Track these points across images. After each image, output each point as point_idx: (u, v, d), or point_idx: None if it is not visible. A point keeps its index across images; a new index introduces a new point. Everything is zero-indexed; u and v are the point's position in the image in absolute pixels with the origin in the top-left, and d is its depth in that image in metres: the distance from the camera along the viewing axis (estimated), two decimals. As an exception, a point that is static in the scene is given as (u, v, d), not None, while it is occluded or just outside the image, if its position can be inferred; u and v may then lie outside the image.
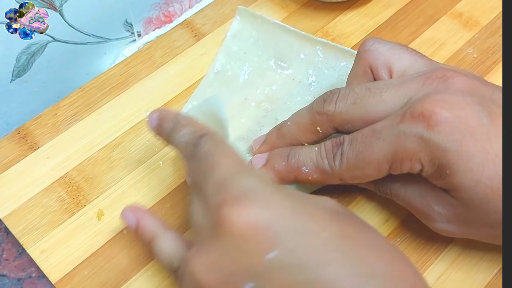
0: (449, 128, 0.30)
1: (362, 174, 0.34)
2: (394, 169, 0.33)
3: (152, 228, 0.34)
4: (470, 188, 0.30)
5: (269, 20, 0.48)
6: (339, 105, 0.35)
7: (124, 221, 0.35)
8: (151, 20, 0.53)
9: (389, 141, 0.32)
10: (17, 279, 0.39)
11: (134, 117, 0.44)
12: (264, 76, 0.46)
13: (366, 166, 0.33)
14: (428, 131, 0.30)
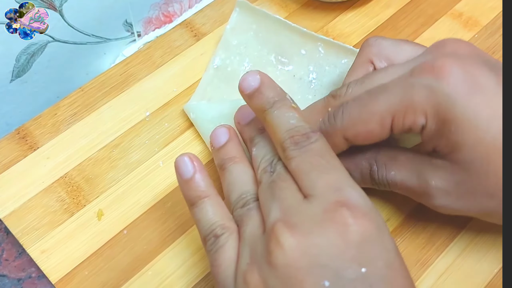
0: (459, 81, 0.30)
1: (365, 130, 0.33)
2: (396, 123, 0.32)
3: (205, 186, 0.34)
4: (472, 147, 0.30)
5: (269, 14, 0.47)
6: (351, 86, 0.36)
7: (180, 169, 0.34)
8: (151, 20, 0.52)
9: (396, 92, 0.32)
10: (17, 279, 0.39)
11: (134, 117, 0.44)
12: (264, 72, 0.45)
13: (369, 119, 0.33)
14: (438, 81, 0.31)
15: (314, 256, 0.27)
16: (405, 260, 0.37)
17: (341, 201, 0.28)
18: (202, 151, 0.43)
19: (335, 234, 0.27)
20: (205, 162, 0.42)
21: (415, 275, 0.37)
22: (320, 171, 0.30)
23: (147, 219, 0.40)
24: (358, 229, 0.27)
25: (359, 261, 0.27)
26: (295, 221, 0.29)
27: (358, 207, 0.28)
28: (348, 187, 0.30)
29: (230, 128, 0.38)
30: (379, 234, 0.28)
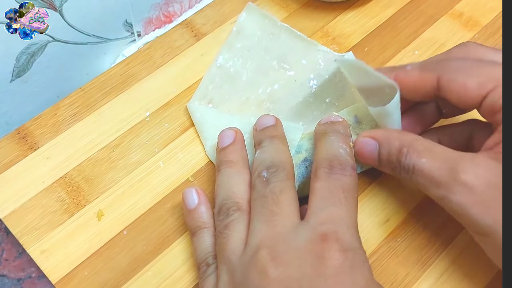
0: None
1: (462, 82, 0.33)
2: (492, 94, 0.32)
3: (207, 218, 0.36)
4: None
5: (276, 21, 0.48)
6: None
7: (186, 200, 0.37)
8: (151, 20, 0.52)
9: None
10: (17, 279, 0.39)
11: (134, 117, 0.44)
12: (266, 75, 0.46)
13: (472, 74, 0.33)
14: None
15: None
16: (405, 260, 0.37)
17: (326, 234, 0.30)
18: (202, 152, 0.43)
19: (311, 266, 0.29)
20: (205, 163, 0.42)
21: (415, 275, 0.37)
22: (332, 203, 0.32)
23: (147, 220, 0.40)
24: (332, 263, 0.29)
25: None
26: (280, 251, 0.30)
27: (340, 242, 0.29)
28: (344, 224, 0.31)
29: (238, 132, 0.39)
30: (352, 271, 0.29)
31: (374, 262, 0.37)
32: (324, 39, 0.48)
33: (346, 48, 0.48)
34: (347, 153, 0.34)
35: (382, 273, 0.37)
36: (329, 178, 0.33)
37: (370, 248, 0.38)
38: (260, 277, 0.29)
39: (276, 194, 0.33)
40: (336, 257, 0.29)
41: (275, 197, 0.33)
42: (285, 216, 0.32)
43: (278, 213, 0.32)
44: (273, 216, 0.32)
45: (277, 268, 0.29)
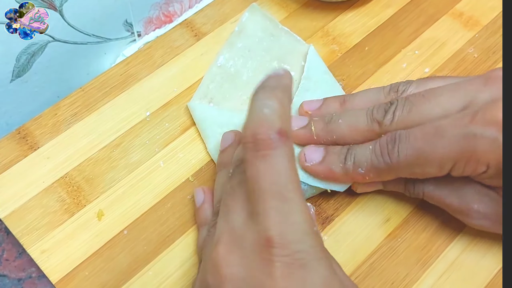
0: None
1: (421, 172, 0.34)
2: (456, 169, 0.33)
3: (209, 216, 0.37)
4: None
5: (277, 24, 0.48)
6: (397, 114, 0.35)
7: (195, 198, 0.39)
8: (151, 20, 0.52)
9: (456, 140, 0.32)
10: (18, 279, 0.39)
11: (134, 117, 0.44)
12: None
13: (427, 164, 0.33)
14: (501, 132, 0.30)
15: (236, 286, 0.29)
16: (405, 260, 0.37)
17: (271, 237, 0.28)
18: (202, 151, 0.43)
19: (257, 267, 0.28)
20: (205, 163, 0.42)
21: (416, 275, 0.37)
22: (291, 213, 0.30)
23: (147, 220, 0.40)
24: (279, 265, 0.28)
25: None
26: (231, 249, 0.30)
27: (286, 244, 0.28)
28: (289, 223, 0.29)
29: (237, 134, 0.39)
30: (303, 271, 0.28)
31: (375, 262, 0.38)
32: (324, 39, 0.48)
33: (347, 48, 0.48)
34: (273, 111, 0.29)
35: (382, 273, 0.37)
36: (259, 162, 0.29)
37: (371, 248, 0.38)
38: (213, 274, 0.29)
39: (233, 188, 0.32)
40: (282, 259, 0.28)
41: (232, 191, 0.32)
42: (238, 211, 0.31)
43: (232, 209, 0.31)
44: (228, 211, 0.31)
45: (228, 268, 0.29)
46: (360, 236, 0.39)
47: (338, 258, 0.37)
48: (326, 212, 0.40)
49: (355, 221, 0.39)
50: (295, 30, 0.48)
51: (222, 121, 0.42)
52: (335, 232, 0.39)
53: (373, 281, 0.37)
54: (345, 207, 0.40)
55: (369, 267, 0.37)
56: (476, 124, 0.31)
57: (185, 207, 0.40)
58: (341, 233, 0.39)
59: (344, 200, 0.40)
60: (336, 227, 0.39)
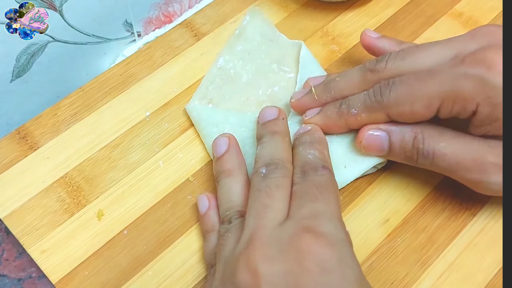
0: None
1: (410, 110, 0.35)
2: (444, 108, 0.34)
3: (215, 222, 0.37)
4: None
5: (275, 30, 0.48)
6: (390, 62, 0.37)
7: (198, 205, 0.39)
8: (151, 20, 0.52)
9: (447, 79, 0.33)
10: (17, 279, 0.39)
11: (134, 117, 0.44)
12: (266, 77, 0.46)
13: (416, 101, 0.34)
14: (489, 72, 0.32)
15: (272, 283, 0.28)
16: (405, 260, 0.37)
17: (309, 227, 0.29)
18: (202, 152, 0.43)
19: (294, 260, 0.28)
20: (205, 162, 0.42)
21: (415, 275, 0.37)
22: (309, 200, 0.32)
23: (147, 220, 0.40)
24: (317, 257, 0.28)
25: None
26: (264, 245, 0.30)
27: (324, 235, 0.29)
28: (325, 217, 0.31)
29: (231, 137, 0.39)
30: (340, 265, 0.28)
31: (374, 262, 0.38)
32: (324, 39, 0.48)
33: (346, 48, 0.48)
34: (316, 156, 0.36)
35: (382, 273, 0.37)
36: (302, 181, 0.34)
37: (370, 248, 0.38)
38: (248, 272, 0.29)
39: (271, 189, 0.33)
40: (321, 251, 0.28)
41: (270, 191, 0.33)
42: (275, 210, 0.32)
43: (269, 206, 0.32)
44: (264, 208, 0.32)
45: (263, 264, 0.29)
46: (359, 236, 0.39)
47: (338, 258, 0.38)
48: (326, 212, 0.40)
49: (355, 221, 0.39)
50: (295, 30, 0.48)
51: (217, 120, 0.42)
52: (335, 232, 0.39)
53: (373, 281, 0.37)
54: (345, 207, 0.40)
55: (368, 267, 0.37)
56: (464, 65, 0.33)
57: (185, 207, 0.40)
58: (341, 233, 0.39)
59: (344, 200, 0.40)
60: (336, 227, 0.39)
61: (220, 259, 0.33)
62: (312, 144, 0.37)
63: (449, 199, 0.40)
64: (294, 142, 0.38)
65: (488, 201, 0.40)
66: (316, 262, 0.28)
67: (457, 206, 0.40)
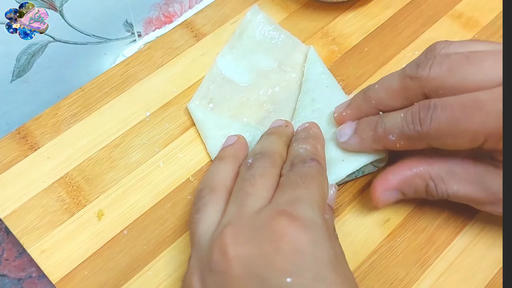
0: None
1: (452, 142, 0.33)
2: (488, 144, 0.32)
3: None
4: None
5: (278, 26, 0.48)
6: (434, 70, 0.33)
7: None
8: (151, 21, 0.53)
9: (495, 116, 0.30)
10: (18, 279, 0.39)
11: (134, 117, 0.44)
12: (267, 77, 0.46)
13: (460, 135, 0.32)
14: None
15: (248, 266, 0.28)
16: (405, 260, 0.37)
17: (285, 211, 0.29)
18: (202, 152, 0.43)
19: (268, 242, 0.28)
20: (205, 163, 0.42)
21: (415, 275, 0.37)
22: (291, 188, 0.32)
23: (147, 220, 0.40)
24: (290, 239, 0.28)
25: (286, 271, 0.27)
26: (241, 230, 0.30)
27: (299, 218, 0.29)
28: (304, 202, 0.31)
29: (241, 137, 0.40)
30: (313, 247, 0.28)
31: (374, 262, 0.38)
32: (324, 39, 0.49)
33: (346, 49, 0.48)
34: (307, 150, 0.35)
35: (381, 273, 0.37)
36: (289, 172, 0.34)
37: (370, 248, 0.38)
38: (221, 255, 0.29)
39: (254, 177, 0.33)
40: (295, 233, 0.28)
41: (253, 180, 0.33)
42: (257, 198, 0.32)
43: (251, 194, 0.32)
44: (246, 196, 0.32)
45: (237, 246, 0.29)
46: (359, 236, 0.39)
47: (338, 258, 0.38)
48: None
49: (355, 221, 0.39)
50: (295, 30, 0.48)
51: (222, 124, 0.43)
52: (335, 232, 0.39)
53: (373, 281, 0.37)
54: (345, 207, 0.40)
55: (368, 267, 0.37)
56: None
57: (185, 207, 0.40)
58: (341, 233, 0.39)
59: (344, 200, 0.40)
60: (336, 227, 0.39)
61: (193, 247, 0.33)
62: (306, 139, 0.37)
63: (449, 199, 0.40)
64: (291, 140, 0.38)
65: (488, 201, 0.40)
66: (289, 243, 0.28)
67: (457, 206, 0.39)
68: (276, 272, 0.27)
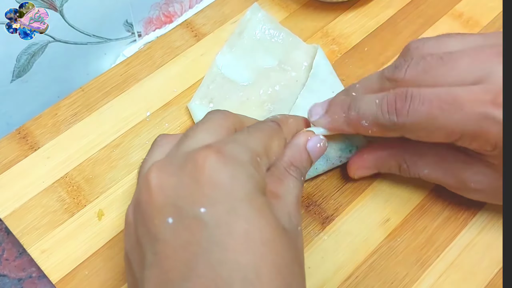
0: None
1: (426, 136, 0.33)
2: (461, 142, 0.33)
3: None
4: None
5: (278, 25, 0.48)
6: (410, 72, 0.34)
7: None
8: (151, 20, 0.53)
9: (473, 118, 0.31)
10: (18, 279, 0.39)
11: (134, 117, 0.44)
12: (267, 77, 0.46)
13: (437, 131, 0.33)
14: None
15: (168, 196, 0.28)
16: (405, 260, 0.37)
17: (211, 145, 0.29)
18: (202, 151, 0.43)
19: (189, 174, 0.28)
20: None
21: (415, 275, 0.37)
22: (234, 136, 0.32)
23: (147, 219, 0.40)
24: (209, 171, 0.28)
25: (201, 201, 0.27)
26: (169, 163, 0.30)
27: (223, 153, 0.28)
28: (238, 143, 0.30)
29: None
30: (231, 181, 0.28)
31: (374, 262, 0.38)
32: (324, 39, 0.49)
33: (346, 49, 0.48)
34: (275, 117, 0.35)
35: (382, 273, 0.37)
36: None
37: (370, 248, 0.38)
38: (145, 186, 0.29)
39: (198, 124, 0.33)
40: (214, 166, 0.28)
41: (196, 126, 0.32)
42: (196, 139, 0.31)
43: (190, 136, 0.31)
44: (185, 138, 0.32)
45: (160, 178, 0.29)
46: (359, 236, 0.39)
47: (338, 258, 0.38)
48: (326, 212, 0.40)
49: (355, 221, 0.39)
50: (295, 30, 0.48)
51: None
52: (335, 232, 0.39)
53: (373, 281, 0.37)
54: (345, 207, 0.40)
55: (368, 267, 0.37)
56: (495, 107, 0.31)
57: (185, 207, 0.40)
58: (341, 233, 0.39)
59: (344, 200, 0.40)
60: (336, 227, 0.39)
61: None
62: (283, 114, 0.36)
63: (449, 199, 0.40)
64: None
65: (488, 201, 0.40)
66: (207, 175, 0.28)
67: (457, 206, 0.40)
68: (192, 202, 0.27)
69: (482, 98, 0.31)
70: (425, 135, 0.33)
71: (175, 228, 0.27)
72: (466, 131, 0.32)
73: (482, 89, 0.31)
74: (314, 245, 0.38)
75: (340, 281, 0.37)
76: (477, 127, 0.31)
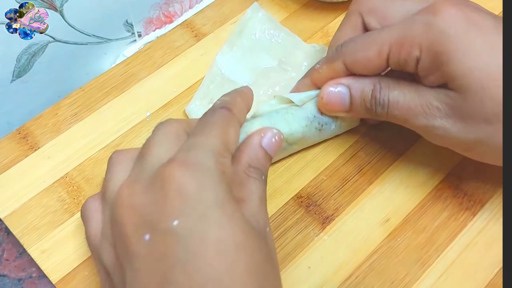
0: (454, 19, 0.33)
1: (363, 56, 0.36)
2: (393, 54, 0.35)
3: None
4: (465, 76, 0.33)
5: (278, 24, 0.48)
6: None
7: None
8: (152, 20, 0.53)
9: (397, 27, 0.35)
10: (18, 279, 0.39)
11: (134, 117, 0.44)
12: (267, 77, 0.46)
13: (370, 47, 0.36)
14: (435, 17, 0.34)
15: (141, 214, 0.29)
16: (405, 260, 0.37)
17: (175, 158, 0.29)
18: (203, 151, 0.43)
19: (159, 190, 0.28)
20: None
21: (415, 275, 0.37)
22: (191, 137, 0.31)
23: (147, 219, 0.40)
24: (177, 184, 0.28)
25: (173, 214, 0.28)
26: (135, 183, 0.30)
27: (187, 163, 0.29)
28: (198, 148, 0.30)
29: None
30: (198, 190, 0.28)
31: (374, 262, 0.38)
32: (324, 39, 0.49)
33: (346, 48, 0.48)
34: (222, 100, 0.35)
35: (382, 272, 0.37)
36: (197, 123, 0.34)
37: (370, 248, 0.38)
38: (118, 208, 0.29)
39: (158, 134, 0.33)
40: (181, 178, 0.28)
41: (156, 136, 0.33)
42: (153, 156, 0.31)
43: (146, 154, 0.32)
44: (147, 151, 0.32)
45: (132, 198, 0.29)
46: (360, 236, 0.39)
47: (338, 258, 0.38)
48: (326, 212, 0.40)
49: (355, 221, 0.39)
50: (295, 30, 0.49)
51: None
52: (335, 232, 0.39)
53: (373, 280, 0.37)
54: (345, 207, 0.40)
55: (369, 267, 0.37)
56: (416, 15, 0.35)
57: (185, 207, 0.40)
58: (341, 233, 0.39)
59: (344, 200, 0.40)
60: (336, 227, 0.39)
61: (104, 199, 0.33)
62: (229, 93, 0.36)
63: (449, 199, 0.40)
64: None
65: (488, 201, 0.40)
66: (175, 188, 0.28)
67: (457, 206, 0.40)
68: (164, 216, 0.28)
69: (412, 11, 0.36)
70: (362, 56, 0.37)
71: (151, 243, 0.28)
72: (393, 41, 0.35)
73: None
74: (314, 245, 0.38)
75: (340, 281, 0.37)
76: (400, 32, 0.35)
